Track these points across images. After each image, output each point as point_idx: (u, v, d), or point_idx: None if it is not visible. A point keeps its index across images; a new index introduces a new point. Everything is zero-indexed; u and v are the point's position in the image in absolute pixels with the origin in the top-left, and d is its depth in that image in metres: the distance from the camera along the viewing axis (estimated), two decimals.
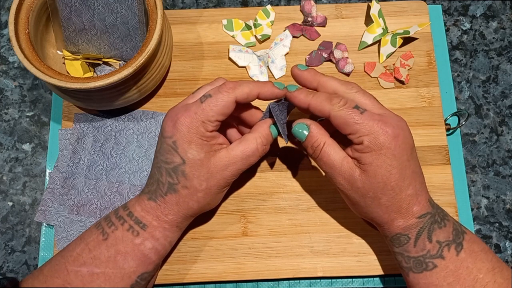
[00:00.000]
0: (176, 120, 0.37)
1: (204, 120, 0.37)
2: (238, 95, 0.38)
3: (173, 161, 0.38)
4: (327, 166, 0.39)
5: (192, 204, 0.39)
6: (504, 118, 0.52)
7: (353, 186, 0.38)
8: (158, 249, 0.39)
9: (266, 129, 0.40)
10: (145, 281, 0.39)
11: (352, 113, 0.37)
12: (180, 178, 0.38)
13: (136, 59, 0.42)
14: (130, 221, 0.38)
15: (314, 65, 0.51)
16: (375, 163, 0.36)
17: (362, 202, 0.38)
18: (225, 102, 0.37)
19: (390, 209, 0.38)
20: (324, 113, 0.38)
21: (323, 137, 0.39)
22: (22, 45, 0.42)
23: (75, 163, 0.48)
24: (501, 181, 0.51)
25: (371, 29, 0.51)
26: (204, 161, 0.38)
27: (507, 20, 0.56)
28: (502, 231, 0.49)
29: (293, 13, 0.53)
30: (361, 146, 0.37)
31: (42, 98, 0.53)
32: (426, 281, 0.37)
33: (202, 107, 0.37)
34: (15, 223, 0.49)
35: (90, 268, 0.37)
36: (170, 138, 0.38)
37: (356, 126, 0.37)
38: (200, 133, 0.37)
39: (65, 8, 0.45)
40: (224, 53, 0.52)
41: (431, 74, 0.51)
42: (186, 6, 0.56)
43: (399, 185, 0.37)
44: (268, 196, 0.47)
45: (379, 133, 0.36)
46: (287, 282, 0.46)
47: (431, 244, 0.37)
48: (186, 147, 0.37)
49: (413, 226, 0.38)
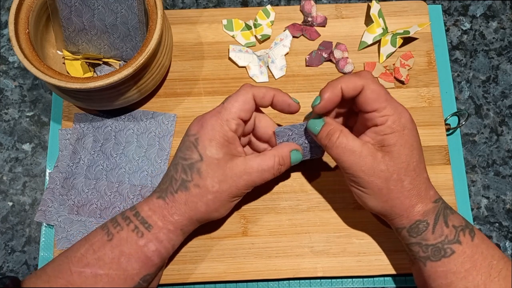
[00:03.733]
0: (203, 121, 0.39)
1: (227, 118, 0.39)
2: (255, 92, 0.40)
3: (191, 157, 0.39)
4: (346, 153, 0.39)
5: (200, 206, 0.39)
6: (504, 118, 0.52)
7: (375, 170, 0.38)
8: (161, 252, 0.39)
9: (286, 151, 0.41)
10: (147, 283, 0.39)
11: (383, 89, 0.39)
12: (194, 175, 0.38)
13: (136, 59, 0.42)
14: (136, 221, 0.38)
15: (314, 65, 0.51)
16: (399, 143, 0.38)
17: (385, 187, 0.38)
18: (244, 98, 0.39)
19: (411, 193, 0.38)
20: (358, 88, 0.39)
21: (339, 126, 0.40)
22: (22, 45, 0.42)
23: (75, 163, 0.48)
24: (501, 181, 0.51)
25: (371, 29, 0.51)
26: (221, 161, 0.38)
27: (507, 20, 0.56)
28: (502, 231, 0.49)
29: (293, 13, 0.53)
30: (383, 127, 0.38)
31: (42, 98, 0.53)
32: (445, 269, 0.37)
33: (224, 106, 0.40)
34: (15, 223, 0.49)
35: (93, 269, 0.37)
36: (194, 136, 0.39)
37: (385, 103, 0.38)
38: (223, 131, 0.39)
39: (65, 8, 0.45)
40: (224, 53, 0.52)
41: (431, 74, 0.51)
42: (186, 6, 0.56)
43: (419, 166, 0.39)
44: (268, 196, 0.47)
45: (402, 114, 0.38)
46: (287, 282, 0.46)
47: (448, 229, 0.38)
48: (206, 144, 0.38)
49: (431, 210, 0.38)
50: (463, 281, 0.37)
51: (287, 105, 0.41)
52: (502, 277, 0.36)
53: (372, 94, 0.38)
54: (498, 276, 0.36)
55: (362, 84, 0.38)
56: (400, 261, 0.45)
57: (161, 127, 0.49)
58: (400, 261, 0.45)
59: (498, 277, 0.36)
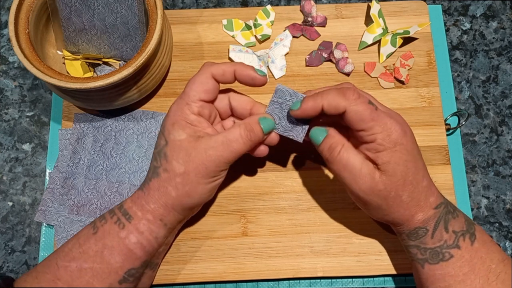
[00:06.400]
0: (169, 109, 0.40)
1: (188, 102, 0.39)
2: (213, 70, 0.39)
3: (159, 144, 0.39)
4: (345, 170, 0.38)
5: (170, 191, 0.38)
6: (504, 118, 0.52)
7: (374, 190, 0.37)
8: (143, 244, 0.38)
9: (254, 118, 0.40)
10: (133, 277, 0.39)
11: (368, 108, 0.37)
12: (162, 160, 0.39)
13: (136, 59, 0.42)
14: (119, 213, 0.39)
15: (314, 65, 0.51)
16: (393, 161, 0.37)
17: (384, 204, 0.38)
18: (202, 78, 0.39)
19: (410, 205, 0.38)
20: (340, 109, 0.37)
21: (342, 140, 0.39)
22: (22, 45, 0.42)
23: (75, 163, 0.48)
24: (501, 181, 0.51)
25: (371, 29, 0.51)
26: (183, 142, 0.38)
27: (507, 20, 0.56)
28: (502, 231, 0.49)
29: (293, 13, 0.53)
30: (373, 145, 0.37)
31: (42, 98, 0.53)
32: (442, 272, 0.37)
33: (184, 90, 0.39)
34: (15, 223, 0.49)
35: (78, 263, 0.37)
36: (162, 126, 0.40)
37: (371, 123, 0.36)
38: (184, 114, 0.38)
39: (65, 8, 0.45)
40: (224, 53, 0.52)
41: (431, 74, 0.51)
42: (186, 6, 0.56)
43: (416, 178, 0.38)
44: (268, 196, 0.47)
45: (391, 130, 0.37)
46: (287, 282, 0.46)
47: (448, 234, 0.38)
48: (170, 128, 0.39)
49: (431, 218, 0.38)
50: (461, 284, 0.37)
51: (250, 79, 0.39)
52: (500, 281, 0.36)
53: (356, 116, 0.36)
54: (496, 280, 0.36)
55: (344, 106, 0.37)
56: (400, 261, 0.45)
57: None
58: (400, 261, 0.45)
59: (496, 281, 0.36)
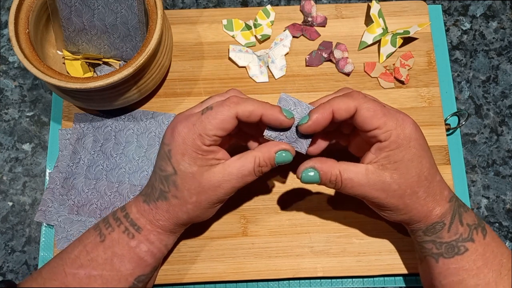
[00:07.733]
0: (175, 128, 0.36)
1: (201, 133, 0.35)
2: (239, 111, 0.36)
3: (166, 170, 0.37)
4: (356, 189, 0.37)
5: (182, 215, 0.38)
6: (504, 118, 0.52)
7: (389, 193, 0.37)
8: (154, 252, 0.39)
9: (271, 151, 0.37)
10: (142, 283, 0.39)
11: (378, 104, 0.36)
12: (171, 187, 0.37)
13: (136, 59, 0.42)
14: (126, 223, 0.38)
15: (314, 65, 0.51)
16: (406, 158, 0.36)
17: (401, 204, 0.38)
18: (225, 117, 0.35)
19: (427, 200, 0.38)
20: (351, 109, 0.36)
21: (335, 167, 0.37)
22: (22, 45, 0.42)
23: (75, 163, 0.48)
24: (501, 181, 0.51)
25: (371, 29, 0.51)
26: (196, 174, 0.36)
27: (507, 20, 0.56)
28: (502, 231, 0.49)
29: (293, 13, 0.53)
30: (387, 143, 0.36)
31: (42, 98, 0.53)
32: (457, 266, 0.37)
33: (201, 119, 0.36)
34: (15, 223, 0.49)
35: (87, 270, 0.37)
36: (167, 146, 0.37)
37: (384, 118, 0.36)
38: (195, 146, 0.36)
39: (65, 8, 0.45)
40: (224, 53, 0.52)
41: (431, 74, 0.51)
42: (186, 6, 0.56)
43: (431, 173, 0.38)
44: (268, 196, 0.47)
45: (405, 125, 0.36)
46: (287, 282, 0.46)
47: (463, 227, 0.38)
48: (179, 158, 0.36)
49: (447, 211, 0.38)
50: (475, 278, 0.37)
51: (278, 123, 0.37)
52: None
53: (368, 112, 0.36)
54: (508, 274, 0.37)
55: (355, 105, 0.36)
56: (400, 261, 0.45)
57: (161, 127, 0.49)
58: (400, 261, 0.45)
59: (508, 274, 0.37)
